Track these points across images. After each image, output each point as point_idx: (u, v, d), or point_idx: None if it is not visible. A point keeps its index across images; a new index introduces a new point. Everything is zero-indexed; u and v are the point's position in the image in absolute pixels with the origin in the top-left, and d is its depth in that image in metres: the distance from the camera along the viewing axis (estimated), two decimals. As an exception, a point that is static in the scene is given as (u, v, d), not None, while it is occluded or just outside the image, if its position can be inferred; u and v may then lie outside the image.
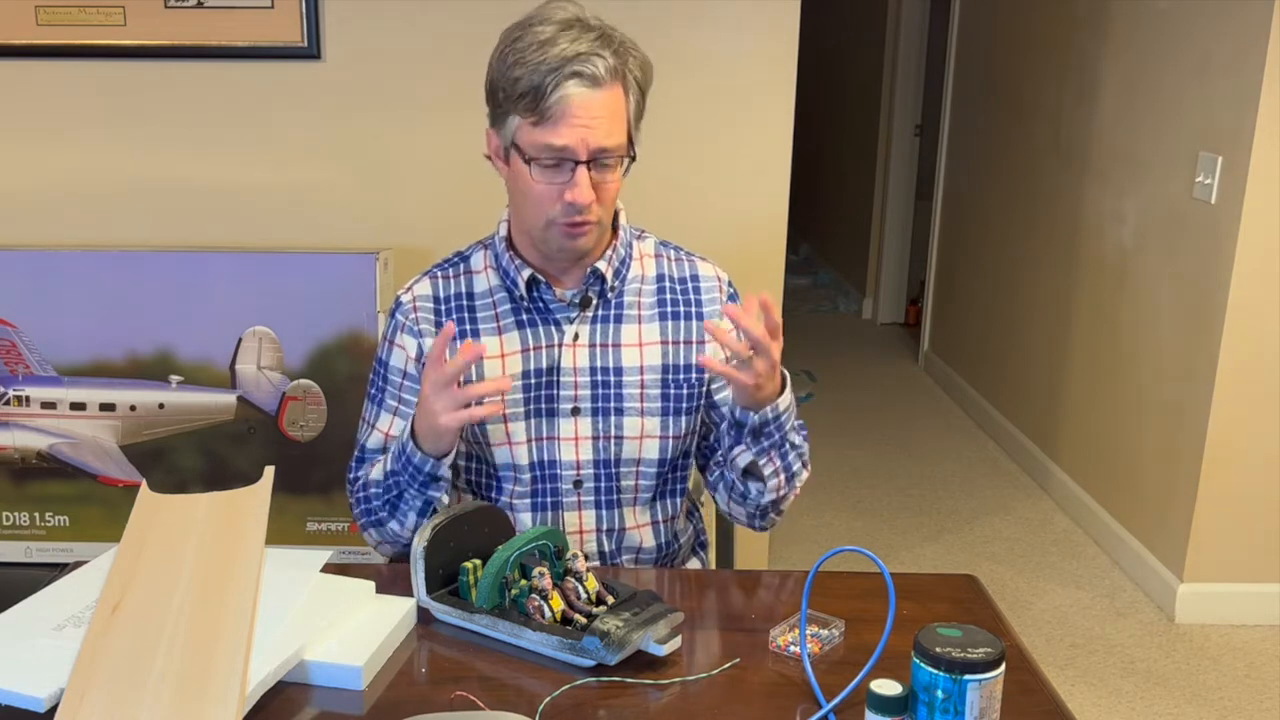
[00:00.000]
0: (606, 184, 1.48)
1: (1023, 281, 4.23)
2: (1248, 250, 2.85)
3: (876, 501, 3.88)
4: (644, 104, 1.52)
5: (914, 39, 5.71)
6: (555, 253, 1.54)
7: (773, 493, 1.56)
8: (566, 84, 1.41)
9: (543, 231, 1.51)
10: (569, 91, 1.41)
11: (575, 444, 1.59)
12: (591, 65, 1.42)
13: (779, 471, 1.55)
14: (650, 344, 1.60)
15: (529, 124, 1.44)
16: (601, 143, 1.44)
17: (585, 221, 1.48)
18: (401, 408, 1.62)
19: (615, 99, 1.46)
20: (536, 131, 1.44)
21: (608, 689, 1.25)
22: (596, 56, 1.42)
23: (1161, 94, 3.24)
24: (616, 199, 1.54)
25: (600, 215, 1.50)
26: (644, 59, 1.51)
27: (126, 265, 2.37)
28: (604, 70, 1.43)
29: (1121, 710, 2.71)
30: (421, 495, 1.53)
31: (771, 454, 1.53)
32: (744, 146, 2.60)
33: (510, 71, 1.44)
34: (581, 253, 1.53)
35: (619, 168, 1.49)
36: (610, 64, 1.44)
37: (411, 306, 1.62)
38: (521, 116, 1.45)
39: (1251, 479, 3.00)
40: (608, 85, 1.44)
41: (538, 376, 1.58)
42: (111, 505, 2.45)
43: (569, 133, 1.42)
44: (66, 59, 2.49)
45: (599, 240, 1.55)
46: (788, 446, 1.54)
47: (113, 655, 1.19)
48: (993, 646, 1.12)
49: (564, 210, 1.47)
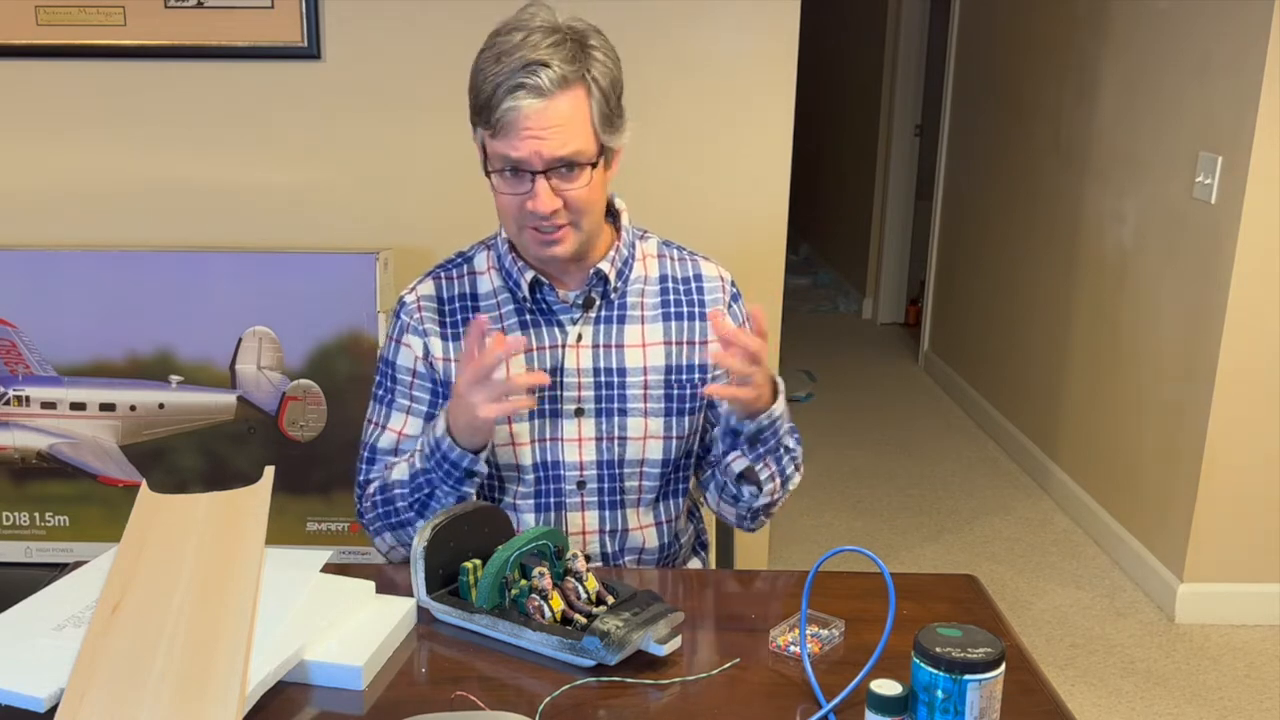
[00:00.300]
0: (573, 190, 1.46)
1: (1023, 281, 4.23)
2: (1248, 250, 2.85)
3: (876, 501, 3.88)
4: (613, 101, 1.48)
5: (914, 39, 5.71)
6: (536, 260, 1.54)
7: (767, 497, 1.57)
8: (512, 96, 1.41)
9: (520, 239, 1.52)
10: (516, 104, 1.41)
11: (579, 445, 1.59)
12: (536, 77, 1.41)
13: (774, 476, 1.56)
14: (654, 344, 1.60)
15: (488, 135, 1.46)
16: (556, 152, 1.43)
17: (556, 227, 1.48)
18: (414, 405, 1.61)
19: (570, 105, 1.43)
20: (495, 143, 1.45)
21: (608, 689, 1.25)
22: (543, 67, 1.41)
23: (1161, 94, 3.24)
24: (599, 199, 1.52)
25: (573, 220, 1.49)
26: (609, 51, 1.48)
27: (126, 265, 2.37)
28: (549, 81, 1.41)
29: (1121, 710, 2.71)
30: (455, 492, 1.52)
31: (767, 459, 1.54)
32: (744, 146, 2.60)
33: (473, 81, 1.46)
34: (562, 259, 1.53)
35: (585, 173, 1.47)
36: (558, 73, 1.41)
37: (416, 306, 1.62)
38: (483, 128, 1.47)
39: (1251, 479, 3.00)
40: (558, 93, 1.42)
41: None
42: (111, 505, 2.45)
43: (521, 145, 1.43)
44: (66, 59, 2.49)
45: (584, 245, 1.53)
46: (782, 450, 1.55)
47: (113, 655, 1.19)
48: (993, 646, 1.12)
49: (528, 218, 1.47)
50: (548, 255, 1.51)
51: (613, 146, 1.51)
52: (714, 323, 1.46)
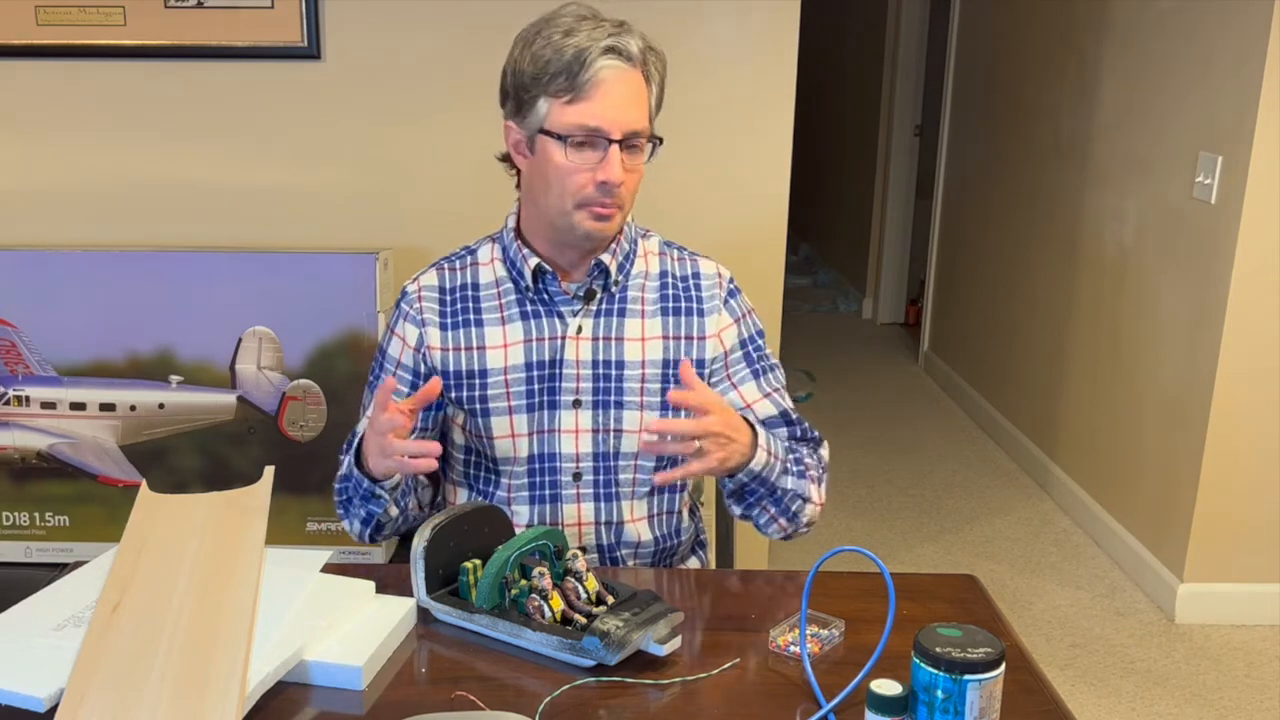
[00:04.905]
0: (635, 168, 1.50)
1: (1023, 281, 4.23)
2: (1248, 250, 2.85)
3: (876, 501, 3.88)
4: (662, 99, 1.54)
5: (914, 39, 5.71)
6: (579, 240, 1.53)
7: (777, 533, 1.59)
8: (601, 59, 1.44)
9: (569, 216, 1.50)
10: (604, 64, 1.44)
11: (575, 436, 1.60)
12: (624, 43, 1.45)
13: (775, 518, 1.58)
14: (652, 339, 1.61)
15: (562, 103, 1.46)
16: (633, 124, 1.47)
17: (615, 204, 1.49)
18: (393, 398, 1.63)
19: (641, 83, 1.49)
20: (570, 110, 1.45)
21: (608, 689, 1.25)
22: (629, 37, 1.46)
23: (1162, 94, 3.24)
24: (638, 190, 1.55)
25: (626, 200, 1.51)
26: (662, 55, 1.53)
27: (126, 265, 2.37)
28: (637, 50, 1.47)
29: (1121, 710, 2.71)
30: (364, 506, 1.56)
31: (763, 504, 1.56)
32: (744, 147, 2.60)
33: (541, 55, 1.46)
34: (604, 238, 1.54)
35: (644, 153, 1.51)
36: (642, 45, 1.48)
37: (416, 296, 1.63)
38: (553, 98, 1.46)
39: (1251, 479, 3.00)
40: (639, 65, 1.47)
41: (540, 369, 1.58)
42: (111, 505, 2.45)
43: (603, 110, 1.44)
44: (66, 59, 2.49)
45: (619, 230, 1.57)
46: (780, 493, 1.55)
47: (113, 655, 1.19)
48: (993, 646, 1.12)
49: (597, 190, 1.47)
50: (599, 229, 1.51)
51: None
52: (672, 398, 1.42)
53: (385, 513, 1.56)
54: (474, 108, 2.46)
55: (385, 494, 1.53)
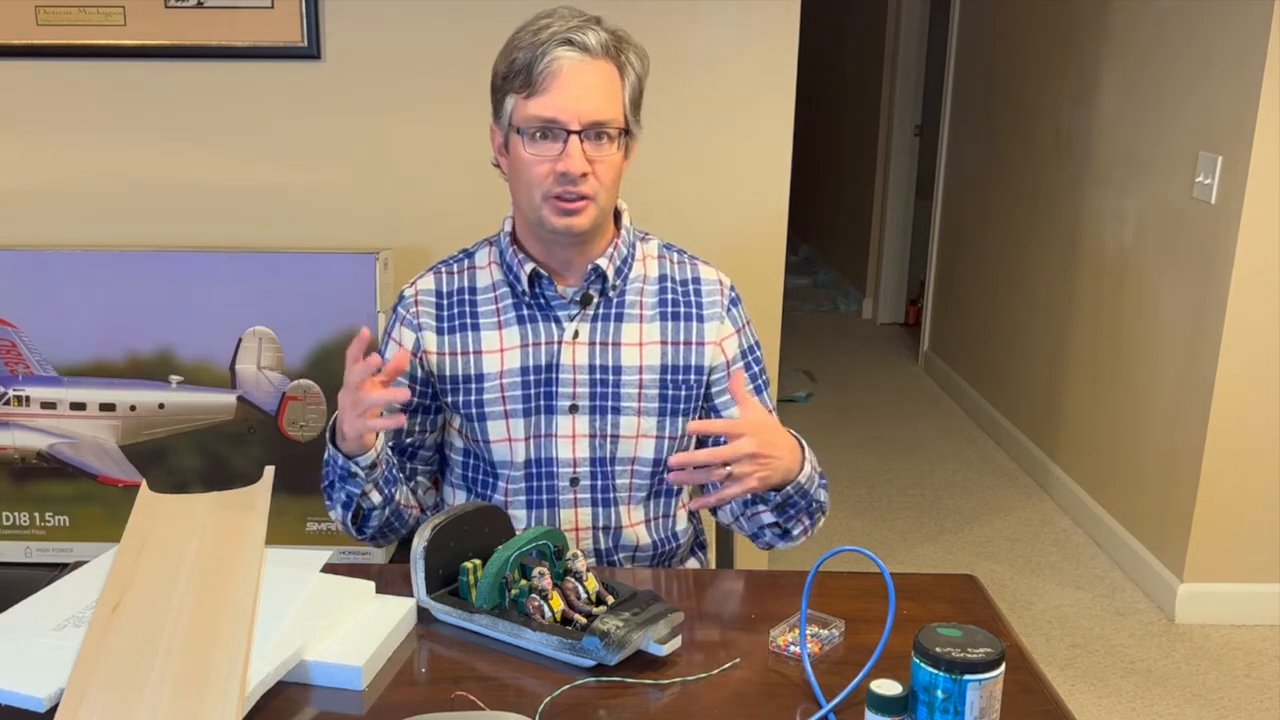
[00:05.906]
0: (602, 159, 1.48)
1: (1023, 281, 4.23)
2: (1248, 250, 2.85)
3: (876, 501, 3.88)
4: (641, 94, 1.53)
5: (914, 39, 5.71)
6: (552, 234, 1.52)
7: (795, 541, 1.61)
8: (556, 50, 1.44)
9: (538, 211, 1.50)
10: (558, 56, 1.44)
11: (572, 441, 1.59)
12: (582, 35, 1.45)
13: (807, 530, 1.60)
14: (650, 344, 1.60)
15: (523, 98, 1.47)
16: (595, 114, 1.46)
17: (580, 196, 1.47)
18: None
19: (609, 74, 1.48)
20: (529, 104, 1.46)
21: (608, 689, 1.25)
22: (590, 29, 1.46)
23: (1162, 94, 3.24)
24: (617, 181, 1.53)
25: (597, 192, 1.49)
26: (642, 52, 1.53)
27: (126, 265, 2.37)
28: (595, 42, 1.46)
29: (1121, 710, 2.71)
30: (343, 488, 1.53)
31: (800, 516, 1.57)
32: (744, 147, 2.60)
33: (512, 54, 1.47)
34: (578, 233, 1.51)
35: (615, 143, 1.49)
36: (603, 38, 1.47)
37: (413, 300, 1.63)
38: (517, 94, 1.47)
39: (1251, 479, 3.00)
40: (600, 57, 1.47)
41: (536, 373, 1.58)
42: (111, 505, 2.45)
43: (561, 101, 1.44)
44: (66, 59, 2.49)
45: (598, 225, 1.53)
46: (814, 505, 1.57)
47: (113, 655, 1.19)
48: (993, 646, 1.12)
49: (556, 181, 1.47)
50: (567, 225, 1.49)
51: (634, 134, 1.53)
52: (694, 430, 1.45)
53: (365, 496, 1.53)
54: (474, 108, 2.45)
55: (360, 472, 1.50)
